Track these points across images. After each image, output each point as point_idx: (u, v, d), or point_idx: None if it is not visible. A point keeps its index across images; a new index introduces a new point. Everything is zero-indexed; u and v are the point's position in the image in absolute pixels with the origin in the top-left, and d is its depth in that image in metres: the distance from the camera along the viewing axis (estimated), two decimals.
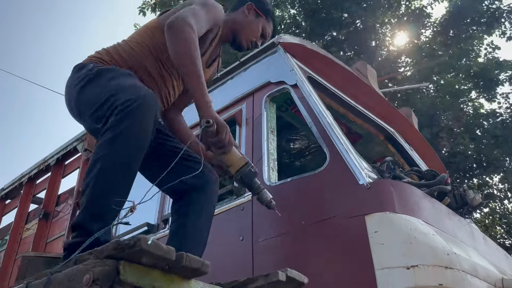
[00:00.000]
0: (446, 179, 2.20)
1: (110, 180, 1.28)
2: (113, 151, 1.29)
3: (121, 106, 1.32)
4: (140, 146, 1.34)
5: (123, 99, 1.33)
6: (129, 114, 1.31)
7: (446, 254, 1.66)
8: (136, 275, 0.95)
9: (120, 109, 1.32)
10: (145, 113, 1.34)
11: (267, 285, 1.17)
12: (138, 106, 1.31)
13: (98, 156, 1.30)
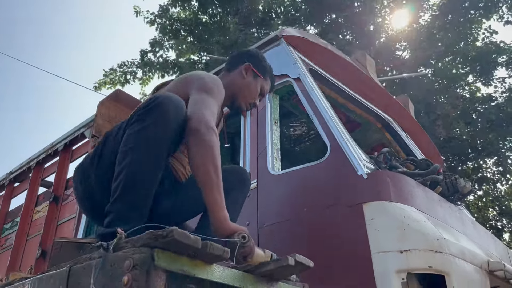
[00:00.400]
0: (439, 169, 2.36)
1: (141, 171, 1.40)
2: (142, 142, 1.40)
3: (145, 105, 1.46)
4: (163, 138, 1.43)
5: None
6: (154, 107, 1.43)
7: (436, 239, 1.83)
8: (168, 261, 1.11)
9: (146, 105, 1.45)
10: (169, 105, 1.43)
11: (277, 268, 1.33)
12: (162, 100, 1.44)
13: (128, 147, 1.41)
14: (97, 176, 1.53)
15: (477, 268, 1.99)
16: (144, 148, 1.41)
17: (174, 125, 1.45)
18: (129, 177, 1.38)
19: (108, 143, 1.55)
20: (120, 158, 1.43)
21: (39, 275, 1.36)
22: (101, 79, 9.24)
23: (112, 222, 1.39)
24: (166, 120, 1.43)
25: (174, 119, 1.44)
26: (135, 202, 1.39)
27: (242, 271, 1.32)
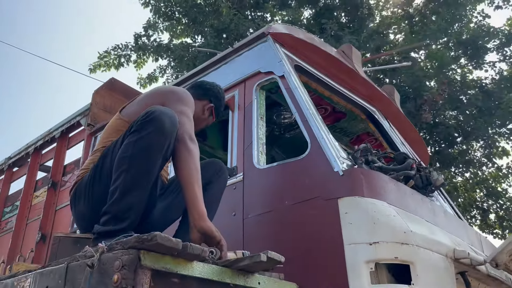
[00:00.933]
0: (412, 164, 2.52)
1: (137, 177, 1.57)
2: (139, 150, 1.58)
3: (143, 117, 1.61)
4: (159, 148, 1.61)
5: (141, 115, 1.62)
6: (152, 120, 1.59)
7: (403, 232, 1.99)
8: (153, 261, 1.28)
9: (144, 117, 1.61)
10: (165, 118, 1.61)
11: (252, 263, 1.50)
12: (159, 113, 1.60)
13: (126, 155, 1.59)
14: (98, 186, 1.70)
15: (442, 257, 2.16)
16: (141, 156, 1.58)
17: (169, 136, 1.62)
18: (127, 182, 1.56)
19: (107, 156, 1.71)
20: (118, 164, 1.60)
21: (40, 269, 1.53)
22: (96, 62, 9.31)
23: (108, 221, 1.56)
24: (162, 132, 1.60)
25: (169, 132, 1.62)
26: (131, 204, 1.56)
27: (221, 266, 1.49)
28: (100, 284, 1.24)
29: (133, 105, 2.02)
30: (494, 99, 7.63)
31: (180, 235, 1.98)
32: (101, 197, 1.66)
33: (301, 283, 1.92)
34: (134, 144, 1.58)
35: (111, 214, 1.56)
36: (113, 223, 1.54)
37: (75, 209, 1.85)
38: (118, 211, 1.55)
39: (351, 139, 4.29)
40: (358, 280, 1.90)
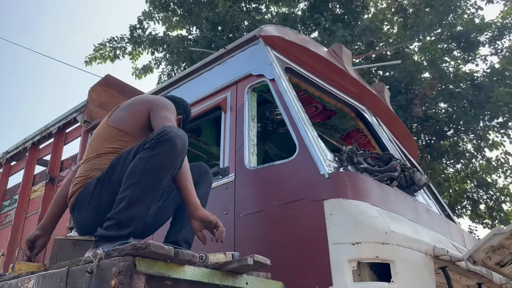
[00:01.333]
0: (396, 166, 2.64)
1: (145, 190, 1.70)
2: (150, 166, 1.71)
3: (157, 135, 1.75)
4: (170, 167, 1.76)
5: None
6: (166, 140, 1.73)
7: (384, 232, 2.12)
8: (147, 266, 1.39)
9: (158, 136, 1.74)
10: (177, 140, 1.75)
11: (240, 266, 1.61)
12: (173, 135, 1.74)
13: (137, 168, 1.71)
14: (105, 193, 1.82)
15: (422, 255, 2.28)
16: (152, 172, 1.72)
17: (180, 157, 1.79)
18: (134, 194, 1.68)
19: (117, 165, 1.84)
20: (128, 176, 1.72)
21: (43, 272, 1.64)
22: (91, 54, 9.34)
23: (110, 227, 1.68)
24: (174, 152, 1.75)
25: (180, 153, 1.78)
26: (135, 215, 1.70)
27: (211, 268, 1.61)
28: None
29: (120, 112, 2.16)
30: (485, 92, 7.75)
31: (172, 234, 2.13)
32: (107, 204, 1.78)
33: (288, 281, 2.03)
34: (147, 160, 1.71)
35: (115, 221, 1.68)
36: (115, 229, 1.66)
37: (77, 214, 1.96)
38: (122, 219, 1.67)
39: (342, 135, 4.41)
40: (341, 278, 2.03)
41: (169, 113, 2.07)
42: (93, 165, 1.98)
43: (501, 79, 8.04)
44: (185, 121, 2.45)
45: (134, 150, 1.81)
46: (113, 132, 2.07)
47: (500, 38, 8.80)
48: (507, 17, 9.16)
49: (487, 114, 7.80)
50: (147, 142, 1.75)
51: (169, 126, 1.80)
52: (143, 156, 1.72)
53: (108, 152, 2.03)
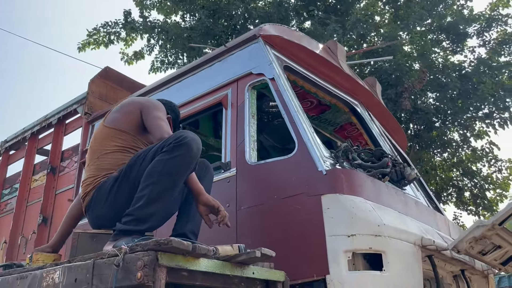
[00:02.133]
0: (387, 162, 2.81)
1: (163, 190, 1.86)
2: (168, 168, 1.87)
3: (175, 139, 1.90)
4: (186, 169, 1.93)
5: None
6: (183, 144, 1.89)
7: (377, 225, 2.30)
8: (168, 260, 1.55)
9: (176, 140, 1.89)
10: (193, 145, 1.91)
11: (248, 258, 1.78)
12: (190, 140, 1.89)
13: (156, 170, 1.87)
14: (123, 191, 1.98)
15: (410, 245, 2.47)
16: (170, 173, 1.88)
17: (195, 159, 1.96)
18: (153, 193, 1.84)
19: (135, 165, 1.99)
20: (147, 176, 1.87)
21: (67, 263, 1.79)
22: (85, 40, 9.31)
23: (129, 222, 1.84)
24: (190, 156, 1.92)
25: (196, 156, 1.95)
26: (153, 212, 1.86)
27: (222, 260, 1.77)
28: (125, 280, 1.51)
29: (114, 114, 2.32)
30: (471, 83, 7.97)
31: (179, 227, 2.29)
32: (125, 201, 1.93)
33: (288, 270, 2.21)
34: (165, 162, 1.87)
35: (134, 216, 1.83)
36: (134, 224, 1.82)
37: (93, 210, 2.10)
38: (140, 216, 1.83)
39: (335, 128, 4.58)
40: (338, 267, 2.21)
41: (160, 112, 2.25)
42: (100, 165, 2.14)
43: (488, 71, 8.26)
44: (175, 120, 2.63)
45: (152, 152, 1.95)
46: (112, 132, 2.25)
47: (488, 30, 9.00)
48: (495, 9, 9.35)
49: (474, 105, 8.03)
50: (166, 146, 1.90)
51: (185, 131, 1.95)
52: (161, 158, 1.87)
53: (111, 151, 2.20)
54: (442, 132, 8.40)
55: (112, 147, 2.20)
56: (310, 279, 2.25)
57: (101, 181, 2.07)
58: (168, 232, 2.24)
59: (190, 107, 3.38)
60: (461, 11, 9.00)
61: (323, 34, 7.47)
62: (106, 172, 2.14)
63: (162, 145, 1.93)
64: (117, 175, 2.04)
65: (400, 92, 6.93)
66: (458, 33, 8.67)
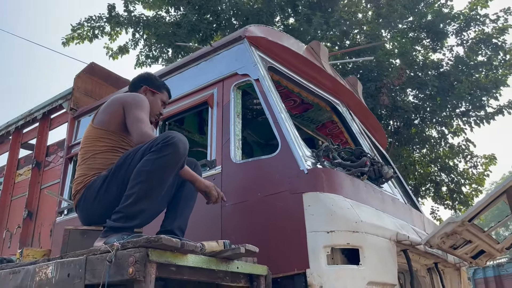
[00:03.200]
0: (366, 162, 2.94)
1: (151, 188, 1.95)
2: (157, 167, 1.96)
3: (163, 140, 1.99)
4: (174, 167, 2.03)
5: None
6: (171, 144, 1.98)
7: (355, 222, 2.43)
8: (158, 256, 1.64)
9: (164, 140, 1.98)
10: (180, 144, 2.00)
11: (233, 254, 1.89)
12: (177, 140, 1.98)
13: (145, 169, 1.95)
14: (111, 189, 2.06)
15: (386, 240, 2.62)
16: (157, 172, 1.97)
17: (182, 158, 2.06)
18: (141, 191, 1.93)
19: (124, 164, 2.08)
20: (136, 175, 1.96)
21: (60, 259, 1.87)
22: (69, 34, 9.23)
23: (119, 219, 1.93)
24: (177, 155, 2.01)
25: (182, 155, 2.04)
26: (142, 209, 1.95)
27: (208, 256, 1.88)
28: (117, 275, 1.60)
29: (101, 114, 2.42)
30: (449, 81, 8.20)
31: (167, 223, 2.38)
32: (113, 199, 2.02)
33: (271, 264, 2.32)
34: (153, 161, 1.96)
35: (123, 214, 1.92)
36: (123, 221, 1.91)
37: (83, 208, 2.18)
38: (129, 213, 1.92)
39: (317, 126, 4.71)
40: (317, 261, 2.33)
41: (141, 110, 2.30)
42: (91, 165, 2.23)
43: (465, 69, 8.51)
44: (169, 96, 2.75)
45: (141, 152, 2.03)
46: (100, 133, 2.33)
47: (466, 29, 9.24)
48: (474, 8, 9.59)
49: (452, 102, 8.27)
50: (154, 146, 1.98)
51: (173, 132, 2.04)
52: (150, 158, 1.96)
53: (101, 151, 2.29)
54: (421, 129, 8.63)
55: (101, 147, 2.29)
56: (291, 273, 2.37)
57: (91, 179, 2.15)
58: (155, 228, 2.33)
59: (176, 105, 3.45)
60: (441, 10, 9.20)
61: (307, 30, 7.58)
62: (96, 171, 2.22)
63: (150, 145, 2.02)
64: (106, 174, 2.12)
65: (379, 88, 7.12)
66: (438, 31, 8.88)
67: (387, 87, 7.08)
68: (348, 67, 8.31)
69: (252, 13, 8.33)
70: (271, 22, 8.53)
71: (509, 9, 9.43)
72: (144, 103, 2.38)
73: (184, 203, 2.37)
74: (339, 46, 8.24)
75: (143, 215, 1.98)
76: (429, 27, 8.87)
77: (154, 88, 2.63)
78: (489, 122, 8.82)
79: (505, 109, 8.87)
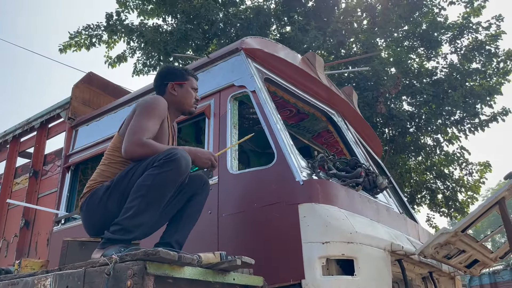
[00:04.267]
0: (361, 172, 2.99)
1: (151, 203, 1.98)
2: (157, 182, 1.98)
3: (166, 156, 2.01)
4: (174, 183, 2.05)
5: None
6: (173, 160, 2.00)
7: (349, 233, 2.46)
8: (155, 269, 1.67)
9: (167, 157, 2.00)
10: (182, 161, 2.02)
11: (230, 266, 1.92)
12: (179, 156, 2.01)
13: (146, 183, 1.98)
14: (112, 199, 2.10)
15: (380, 250, 2.65)
16: (158, 187, 2.00)
17: (183, 175, 2.07)
18: (141, 205, 1.96)
19: (126, 177, 2.11)
20: (137, 189, 1.99)
21: (59, 271, 1.89)
22: (66, 42, 9.28)
23: (117, 231, 1.95)
24: (179, 172, 2.03)
25: (184, 171, 2.06)
26: (141, 223, 1.98)
27: (205, 268, 1.91)
28: (116, 287, 1.63)
29: (126, 122, 2.38)
30: (444, 89, 8.29)
31: (166, 236, 2.40)
32: (113, 210, 2.04)
33: (266, 275, 2.35)
34: (154, 176, 1.98)
35: (121, 226, 1.95)
36: (121, 234, 1.94)
37: (85, 214, 2.22)
38: (128, 226, 1.94)
39: (313, 135, 4.75)
40: (312, 272, 2.36)
41: (143, 118, 2.22)
42: (103, 172, 2.25)
43: (459, 77, 8.60)
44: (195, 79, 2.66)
45: (143, 166, 2.06)
46: (120, 141, 2.30)
47: (460, 37, 9.35)
48: (467, 17, 9.71)
49: (447, 109, 8.36)
50: (156, 161, 2.01)
51: (176, 148, 2.07)
52: (151, 173, 1.99)
53: (116, 161, 2.29)
54: (416, 137, 8.71)
55: (116, 158, 2.29)
56: (287, 284, 2.40)
57: (96, 187, 2.18)
58: (153, 240, 2.36)
59: None
60: (435, 19, 9.31)
61: (303, 40, 7.66)
62: (105, 179, 2.25)
63: (153, 159, 2.04)
64: (109, 184, 2.15)
65: (376, 97, 7.20)
66: (432, 40, 8.98)
67: (384, 95, 7.16)
68: (345, 76, 8.39)
69: (246, 23, 8.39)
70: (265, 33, 8.60)
71: (500, 16, 9.56)
72: (154, 106, 2.28)
73: (187, 219, 2.38)
74: (335, 55, 8.32)
75: (142, 228, 2.00)
76: (423, 36, 8.97)
77: (179, 80, 2.53)
78: (484, 129, 8.92)
79: (499, 116, 8.97)
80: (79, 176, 4.24)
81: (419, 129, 8.49)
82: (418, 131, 8.57)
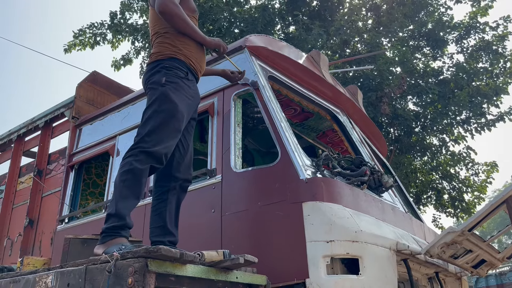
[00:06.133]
0: (365, 171, 2.95)
1: (134, 185, 2.01)
2: (135, 166, 2.04)
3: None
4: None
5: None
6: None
7: (354, 231, 2.43)
8: (157, 266, 1.65)
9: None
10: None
11: (232, 264, 1.89)
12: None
13: (126, 169, 2.03)
14: None
15: (386, 250, 2.62)
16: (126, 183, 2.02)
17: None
18: (123, 189, 2.00)
19: None
20: (118, 175, 2.04)
21: (60, 269, 1.88)
22: (71, 41, 9.29)
23: (110, 220, 1.95)
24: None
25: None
26: (125, 205, 2.02)
27: (207, 266, 1.89)
28: (117, 285, 1.61)
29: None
30: (450, 89, 8.23)
31: (154, 236, 2.37)
32: None
33: (270, 274, 2.33)
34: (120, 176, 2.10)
35: (112, 215, 1.96)
36: (116, 220, 1.95)
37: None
38: (117, 212, 1.96)
39: (318, 134, 4.72)
40: (317, 271, 2.34)
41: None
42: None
43: (465, 76, 8.53)
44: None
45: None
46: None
47: (466, 37, 9.27)
48: (474, 17, 9.63)
49: (453, 109, 8.29)
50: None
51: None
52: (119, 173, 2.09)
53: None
54: (421, 137, 8.65)
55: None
56: (290, 283, 2.37)
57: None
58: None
59: None
60: (441, 19, 9.25)
61: (307, 39, 7.62)
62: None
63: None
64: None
65: (380, 97, 7.15)
66: (438, 39, 8.92)
67: (388, 96, 7.11)
68: (349, 75, 8.34)
69: (251, 21, 8.35)
70: (269, 32, 8.57)
71: (508, 17, 9.48)
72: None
73: (169, 218, 2.38)
74: (340, 54, 8.27)
75: (128, 207, 2.03)
76: (429, 35, 8.91)
77: None
78: (490, 129, 8.84)
79: (506, 116, 8.89)
80: (83, 175, 4.23)
81: (425, 129, 8.43)
82: (424, 131, 8.51)
